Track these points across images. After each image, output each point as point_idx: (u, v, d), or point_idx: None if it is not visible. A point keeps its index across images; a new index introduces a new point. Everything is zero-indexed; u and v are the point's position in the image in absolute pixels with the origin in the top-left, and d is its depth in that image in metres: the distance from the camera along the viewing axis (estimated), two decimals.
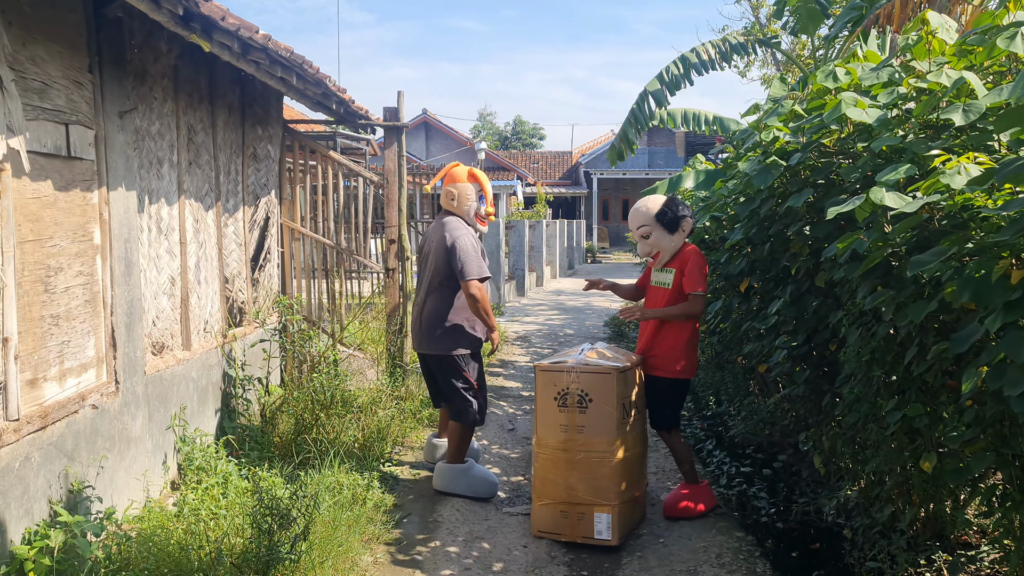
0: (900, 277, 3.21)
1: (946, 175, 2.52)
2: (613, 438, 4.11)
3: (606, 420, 4.11)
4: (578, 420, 4.13)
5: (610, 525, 4.10)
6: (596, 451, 4.12)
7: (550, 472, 4.21)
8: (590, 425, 4.12)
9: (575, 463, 4.14)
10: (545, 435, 4.22)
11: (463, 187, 4.80)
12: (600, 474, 4.12)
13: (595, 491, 4.12)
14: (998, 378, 2.38)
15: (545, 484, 4.23)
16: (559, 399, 4.17)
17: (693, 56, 7.87)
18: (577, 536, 4.17)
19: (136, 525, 3.82)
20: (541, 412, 4.25)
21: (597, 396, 4.12)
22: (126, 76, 4.10)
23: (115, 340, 3.97)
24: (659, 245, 4.57)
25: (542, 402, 4.23)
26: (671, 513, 4.50)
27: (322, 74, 5.18)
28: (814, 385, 4.55)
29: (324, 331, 6.70)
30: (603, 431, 4.11)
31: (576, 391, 4.13)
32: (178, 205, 4.83)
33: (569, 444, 4.15)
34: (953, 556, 3.58)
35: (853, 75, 3.79)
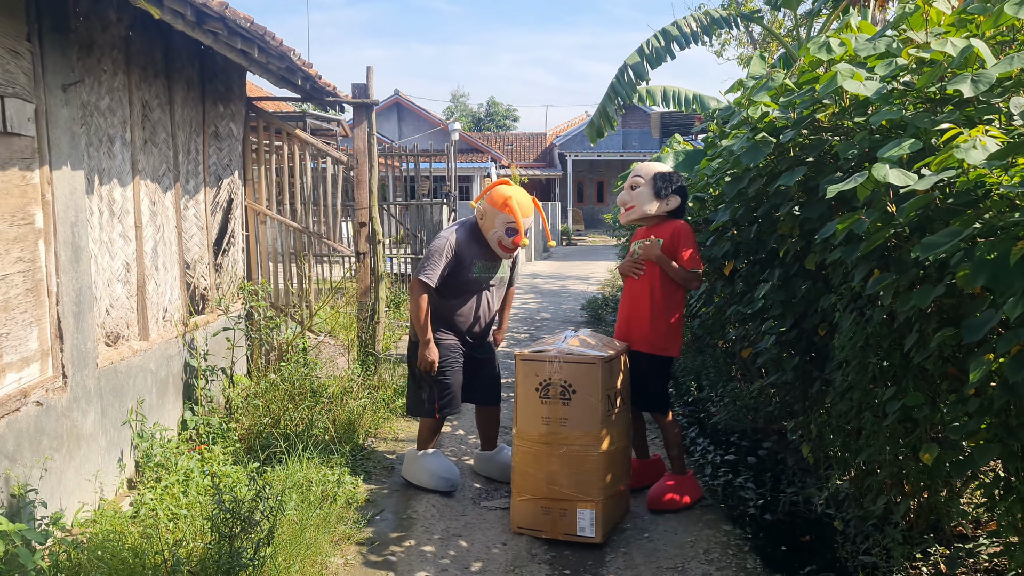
0: (900, 260, 3.03)
1: (960, 149, 2.33)
2: (598, 431, 3.91)
3: (591, 412, 3.91)
4: (561, 412, 3.92)
5: (594, 522, 3.91)
6: (579, 444, 3.92)
7: (531, 466, 4.00)
8: (573, 417, 3.92)
9: (557, 457, 3.94)
10: (526, 427, 4.02)
11: (492, 213, 4.48)
12: (584, 468, 3.92)
13: (578, 486, 3.93)
14: (1019, 368, 2.20)
15: (525, 478, 4.03)
16: (541, 390, 3.96)
17: (675, 29, 7.64)
18: (559, 533, 3.97)
19: (88, 529, 3.56)
20: (522, 403, 4.03)
21: (581, 387, 3.91)
22: (70, 46, 3.80)
23: (62, 331, 3.69)
24: (638, 200, 4.42)
25: (523, 393, 4.02)
26: (656, 506, 4.33)
27: (286, 47, 4.89)
28: (802, 371, 4.40)
29: (292, 318, 6.43)
30: (587, 424, 3.91)
31: (559, 382, 3.93)
32: (132, 186, 4.53)
33: (551, 437, 3.94)
34: (950, 549, 3.45)
35: (848, 46, 3.60)
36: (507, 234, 4.47)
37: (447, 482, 4.58)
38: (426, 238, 12.32)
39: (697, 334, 7.10)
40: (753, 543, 3.96)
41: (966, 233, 2.33)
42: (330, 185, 6.74)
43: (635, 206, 4.45)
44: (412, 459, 4.73)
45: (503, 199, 4.47)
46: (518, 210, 4.45)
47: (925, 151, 2.89)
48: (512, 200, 4.46)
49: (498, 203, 4.47)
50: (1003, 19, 3.01)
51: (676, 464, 4.42)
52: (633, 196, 4.46)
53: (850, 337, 3.45)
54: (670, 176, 4.44)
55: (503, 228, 4.47)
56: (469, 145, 34.85)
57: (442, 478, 4.59)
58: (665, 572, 3.66)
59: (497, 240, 4.50)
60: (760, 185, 4.15)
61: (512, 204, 4.45)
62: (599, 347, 4.10)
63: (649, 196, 4.41)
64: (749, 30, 15.39)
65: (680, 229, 4.38)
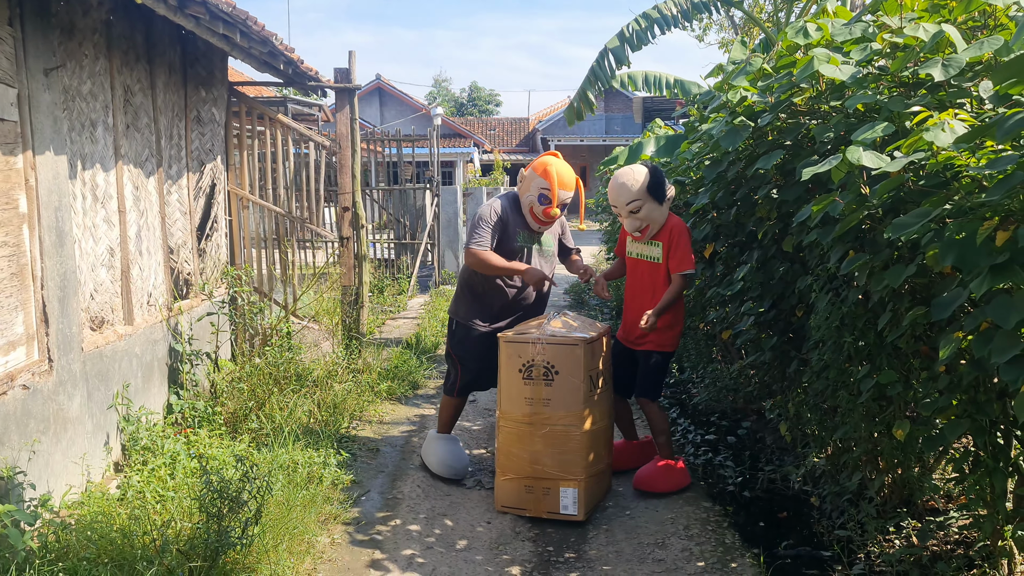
0: (874, 241, 3.11)
1: (929, 132, 2.39)
2: (580, 411, 3.97)
3: (573, 393, 3.97)
4: (544, 393, 3.99)
5: (576, 500, 3.99)
6: (562, 424, 3.98)
7: (515, 446, 4.07)
8: (556, 398, 3.98)
9: (541, 437, 4.01)
10: (510, 408, 4.07)
11: (531, 178, 4.42)
12: (567, 448, 3.99)
13: (561, 465, 4.00)
14: (984, 344, 2.28)
15: (509, 458, 4.09)
16: (524, 371, 4.02)
17: (655, 13, 7.68)
18: (542, 511, 4.04)
19: (75, 511, 3.60)
20: (505, 384, 4.09)
21: (564, 368, 3.97)
22: (52, 30, 3.79)
23: (47, 315, 3.70)
24: (650, 218, 4.34)
25: (506, 374, 4.08)
26: (643, 487, 4.39)
27: (268, 31, 4.88)
28: (780, 352, 4.47)
29: (276, 302, 6.45)
30: (570, 404, 3.97)
31: (542, 363, 3.98)
32: (115, 171, 4.53)
33: (535, 417, 4.01)
34: (921, 522, 3.54)
35: (825, 31, 3.65)
36: (539, 201, 4.38)
37: (451, 469, 4.60)
38: (409, 223, 12.33)
39: None
40: (732, 519, 4.05)
41: (935, 214, 2.39)
42: (312, 170, 6.75)
43: (649, 225, 4.37)
44: (429, 441, 4.79)
45: (544, 165, 4.43)
46: (555, 178, 4.36)
47: (898, 134, 2.95)
48: (551, 167, 4.41)
49: (539, 169, 4.43)
50: (974, 4, 3.07)
51: (664, 450, 4.44)
52: (643, 218, 4.34)
53: (826, 317, 3.52)
54: (656, 177, 4.33)
55: (536, 193, 4.39)
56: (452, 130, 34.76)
57: (448, 465, 4.61)
58: (646, 548, 3.75)
59: (529, 206, 4.43)
60: (739, 168, 4.22)
61: (551, 170, 4.39)
62: (582, 328, 4.16)
63: (655, 207, 4.33)
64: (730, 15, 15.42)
65: (677, 230, 4.36)
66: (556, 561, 3.66)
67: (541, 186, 4.38)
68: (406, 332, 8.39)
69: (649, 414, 4.47)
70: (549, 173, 4.38)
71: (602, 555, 3.70)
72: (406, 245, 12.20)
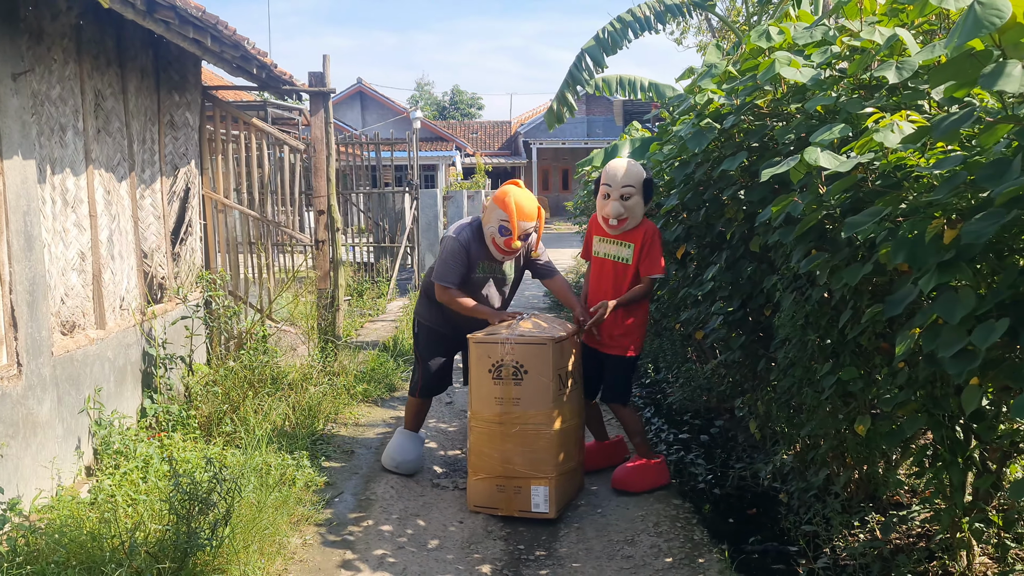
0: (835, 240, 3.17)
1: (879, 133, 2.45)
2: (550, 410, 4.01)
3: (542, 392, 4.01)
4: (513, 392, 4.02)
5: (547, 498, 4.03)
6: (532, 423, 4.02)
7: (486, 446, 4.10)
8: (526, 397, 4.02)
9: (511, 436, 4.04)
10: (480, 408, 4.11)
11: (491, 208, 4.40)
12: (537, 447, 4.03)
13: (532, 464, 4.03)
14: (932, 339, 2.33)
15: (481, 458, 4.13)
16: (493, 371, 4.05)
17: (629, 16, 7.76)
18: (514, 510, 4.08)
19: (45, 515, 3.59)
20: (475, 385, 4.13)
21: (533, 368, 4.01)
22: (19, 35, 3.79)
23: (15, 320, 3.70)
24: (634, 212, 4.33)
25: (476, 375, 4.11)
26: (620, 486, 4.38)
27: (239, 36, 4.90)
28: (750, 350, 4.54)
29: (252, 306, 6.45)
30: (539, 403, 4.01)
31: (511, 363, 4.02)
32: (86, 175, 4.53)
33: (505, 417, 4.04)
34: (886, 517, 3.61)
35: (787, 34, 3.72)
36: (499, 232, 4.35)
37: (394, 462, 4.68)
38: (388, 226, 12.34)
39: (655, 318, 7.23)
40: (701, 516, 4.10)
41: (886, 212, 2.45)
42: (287, 173, 6.76)
43: (629, 217, 4.34)
44: (393, 436, 4.87)
45: (504, 196, 4.37)
46: (514, 209, 4.31)
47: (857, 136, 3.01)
48: (511, 198, 4.35)
49: (499, 200, 4.38)
50: (928, 8, 3.12)
51: (642, 450, 4.43)
52: (628, 207, 4.32)
53: (791, 316, 3.58)
54: (651, 178, 4.41)
55: (497, 224, 4.35)
56: (433, 134, 34.76)
57: (391, 457, 4.70)
58: (616, 545, 3.79)
59: (490, 236, 4.39)
60: (706, 170, 4.27)
61: (509, 201, 4.33)
62: (551, 329, 4.20)
63: (640, 203, 4.34)
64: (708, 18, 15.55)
65: (651, 233, 4.36)
66: (527, 559, 3.69)
67: (501, 217, 4.33)
68: (384, 335, 8.41)
69: (621, 418, 4.47)
70: (508, 204, 4.32)
71: (572, 553, 3.74)
72: (385, 248, 12.21)
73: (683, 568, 3.53)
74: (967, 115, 1.89)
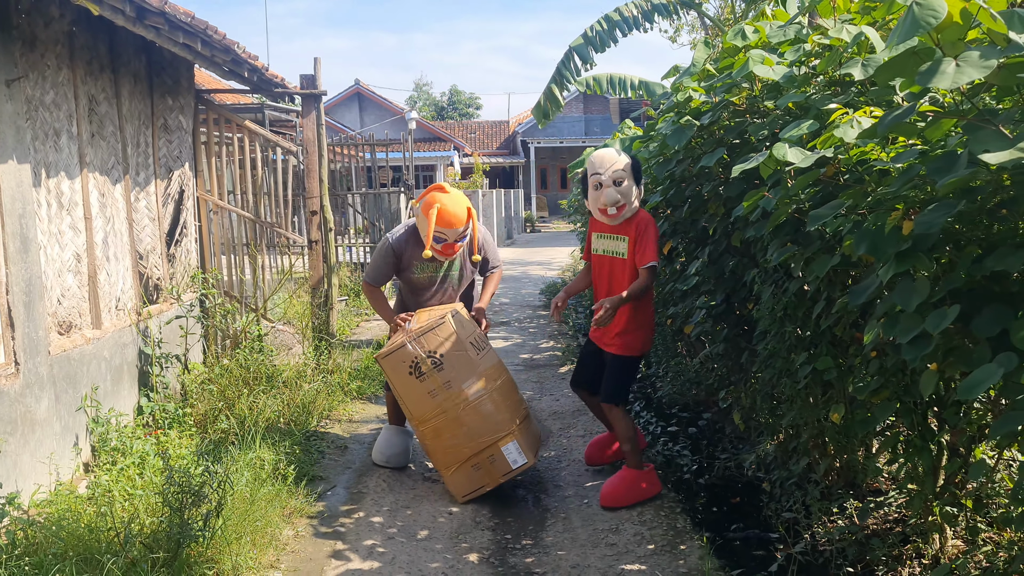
0: (808, 233, 3.25)
1: (840, 129, 2.54)
2: (479, 374, 4.20)
3: (465, 363, 4.18)
4: (441, 379, 4.17)
5: (520, 449, 4.19)
6: (472, 393, 4.18)
7: (444, 439, 4.20)
8: (454, 376, 4.17)
9: (461, 416, 4.17)
10: (420, 411, 4.21)
11: (421, 219, 4.46)
12: (486, 411, 4.18)
13: (492, 428, 4.18)
14: (892, 326, 2.42)
15: (446, 452, 4.22)
16: (414, 372, 4.18)
17: (616, 15, 7.85)
18: (498, 478, 4.20)
19: (44, 510, 3.69)
20: (405, 393, 4.22)
21: (445, 348, 4.18)
22: (13, 42, 3.88)
23: (13, 320, 3.79)
24: (628, 197, 4.17)
25: (401, 384, 4.22)
26: (608, 504, 4.17)
27: (229, 40, 4.99)
28: (733, 343, 4.62)
29: (247, 306, 6.55)
30: (467, 374, 4.18)
31: (424, 355, 4.16)
32: (80, 178, 4.63)
33: (446, 403, 4.17)
34: (864, 503, 3.69)
35: (762, 33, 3.81)
36: (436, 241, 4.42)
37: (383, 456, 4.80)
38: (384, 227, 12.43)
39: None
40: (685, 505, 4.18)
41: (847, 204, 2.54)
42: (280, 175, 6.85)
43: (626, 204, 4.20)
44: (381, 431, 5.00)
45: (429, 205, 4.36)
46: (434, 220, 4.31)
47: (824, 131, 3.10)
48: (434, 209, 4.32)
49: (425, 210, 4.38)
50: (895, 7, 3.22)
51: (631, 458, 4.25)
52: (623, 192, 4.17)
53: (770, 308, 3.67)
54: (636, 161, 4.28)
55: (430, 238, 4.41)
56: (432, 134, 34.86)
57: (380, 452, 4.82)
58: (600, 533, 3.88)
59: (432, 248, 4.45)
60: (687, 166, 4.36)
61: (432, 213, 4.31)
62: (437, 313, 4.38)
63: (634, 187, 4.21)
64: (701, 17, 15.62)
65: (644, 222, 4.22)
66: (513, 548, 3.79)
67: (428, 228, 4.39)
68: (379, 333, 8.50)
69: (613, 419, 4.31)
70: (429, 217, 4.35)
71: (558, 541, 3.83)
72: None
73: (665, 554, 3.62)
74: (909, 110, 1.98)
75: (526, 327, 9.43)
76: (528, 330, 9.27)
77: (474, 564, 3.62)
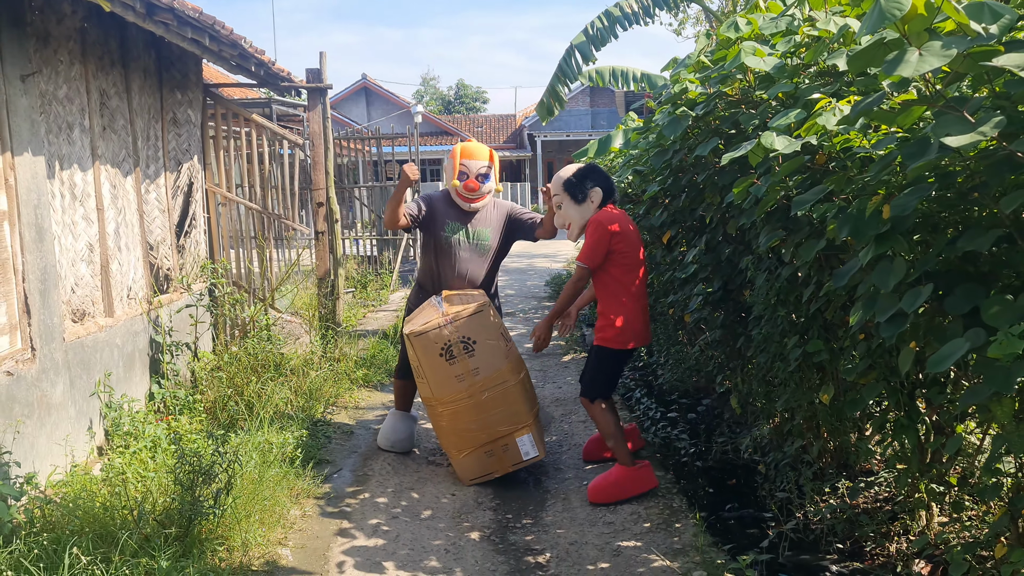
0: (798, 219, 3.35)
1: (822, 116, 2.64)
2: (507, 366, 4.30)
3: (496, 353, 4.30)
4: (470, 365, 4.27)
5: (533, 442, 4.33)
6: (498, 383, 4.29)
7: (463, 422, 4.31)
8: (483, 364, 4.28)
9: (484, 403, 4.28)
10: (442, 392, 4.30)
11: (447, 166, 4.84)
12: (509, 401, 4.30)
13: (510, 419, 4.30)
14: (871, 307, 2.52)
15: (461, 435, 4.33)
16: (445, 354, 4.27)
17: (617, 10, 7.93)
18: (508, 466, 4.34)
19: (60, 490, 3.83)
20: (431, 373, 4.29)
21: (479, 335, 4.28)
22: (27, 39, 4.01)
23: (29, 307, 3.93)
24: (568, 216, 4.34)
25: (429, 364, 4.29)
26: (593, 499, 4.12)
27: (237, 35, 5.11)
28: (730, 329, 4.72)
29: (255, 295, 6.68)
30: (497, 363, 4.29)
31: (458, 340, 4.26)
32: (93, 171, 4.76)
33: (471, 389, 4.27)
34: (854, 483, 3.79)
35: (754, 25, 3.89)
36: (459, 179, 4.73)
37: (388, 441, 4.92)
38: None
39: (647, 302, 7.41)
40: (681, 486, 4.29)
41: (828, 189, 2.64)
42: (287, 167, 6.98)
43: (571, 222, 4.35)
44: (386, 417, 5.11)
45: (453, 151, 4.82)
46: (459, 153, 4.75)
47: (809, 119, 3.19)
48: (457, 147, 4.80)
49: (451, 155, 4.81)
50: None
51: (619, 456, 4.19)
52: (561, 215, 4.38)
53: (764, 293, 3.78)
54: (578, 175, 4.32)
55: (455, 175, 4.74)
56: (438, 128, 34.95)
57: (386, 437, 4.94)
58: (598, 512, 4.00)
59: (455, 190, 4.75)
60: (682, 156, 4.46)
61: (456, 150, 4.79)
62: (470, 300, 4.47)
63: (572, 205, 4.31)
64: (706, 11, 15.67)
65: (590, 224, 4.23)
66: (514, 526, 3.91)
67: (455, 167, 4.75)
68: (385, 324, 8.63)
69: (592, 415, 4.28)
70: (455, 152, 4.80)
71: (557, 520, 3.95)
72: (388, 241, 12.43)
73: (660, 532, 3.73)
74: (878, 98, 2.08)
75: (531, 318, 9.54)
76: (533, 320, 9.38)
77: (475, 541, 3.74)
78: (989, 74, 2.08)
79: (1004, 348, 1.89)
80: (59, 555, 3.06)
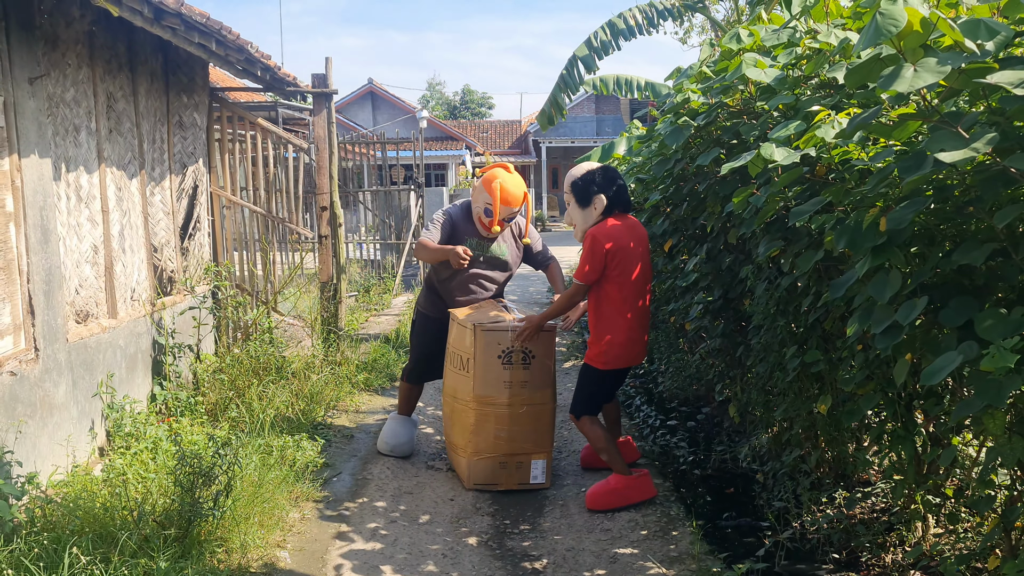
0: (797, 230, 3.37)
1: (820, 129, 2.66)
2: (551, 390, 4.38)
3: (547, 374, 4.37)
4: (523, 376, 4.32)
5: (545, 469, 4.39)
6: (538, 403, 4.35)
7: (491, 427, 4.33)
8: (533, 380, 4.33)
9: (519, 417, 4.32)
10: (485, 392, 4.31)
11: (479, 189, 4.63)
12: (540, 424, 4.37)
13: (536, 440, 4.37)
14: (867, 318, 2.54)
15: (485, 439, 4.35)
16: (503, 357, 4.30)
17: (620, 22, 7.97)
18: (513, 484, 4.37)
19: (61, 490, 3.85)
20: (482, 370, 4.30)
21: (540, 352, 4.34)
22: (36, 42, 4.05)
23: (33, 307, 3.96)
24: (572, 216, 4.33)
25: (484, 360, 4.30)
26: (590, 506, 4.13)
27: (243, 40, 5.15)
28: (730, 338, 4.74)
29: (257, 299, 6.72)
30: (544, 384, 4.37)
31: (520, 349, 4.30)
32: (98, 173, 4.79)
33: (514, 399, 4.31)
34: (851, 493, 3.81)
35: (756, 37, 3.92)
36: (485, 214, 4.62)
37: (388, 446, 4.94)
38: (394, 224, 12.59)
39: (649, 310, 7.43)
40: (680, 494, 4.31)
41: (826, 200, 2.66)
42: (291, 171, 7.02)
43: (576, 223, 4.32)
44: (387, 420, 5.13)
45: (492, 180, 4.58)
46: (498, 194, 4.52)
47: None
48: (497, 183, 4.54)
49: (487, 182, 4.59)
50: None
51: (614, 467, 4.20)
52: (568, 215, 4.36)
53: (764, 303, 3.79)
54: (585, 178, 4.24)
55: (483, 206, 4.61)
56: (444, 133, 35.02)
57: (384, 442, 4.97)
58: (596, 519, 4.01)
59: (477, 216, 4.65)
60: (684, 165, 4.48)
61: (495, 187, 4.53)
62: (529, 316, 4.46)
63: (576, 209, 4.27)
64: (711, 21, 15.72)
65: (588, 238, 4.15)
66: (511, 532, 3.92)
67: (486, 200, 4.59)
68: (387, 328, 8.66)
69: (582, 431, 4.29)
70: (493, 189, 4.54)
71: (555, 526, 3.97)
72: (391, 245, 12.47)
73: (656, 539, 3.75)
74: (874, 112, 2.10)
75: None
76: None
77: (472, 547, 3.76)
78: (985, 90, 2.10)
79: (996, 361, 1.91)
80: (59, 554, 3.08)
